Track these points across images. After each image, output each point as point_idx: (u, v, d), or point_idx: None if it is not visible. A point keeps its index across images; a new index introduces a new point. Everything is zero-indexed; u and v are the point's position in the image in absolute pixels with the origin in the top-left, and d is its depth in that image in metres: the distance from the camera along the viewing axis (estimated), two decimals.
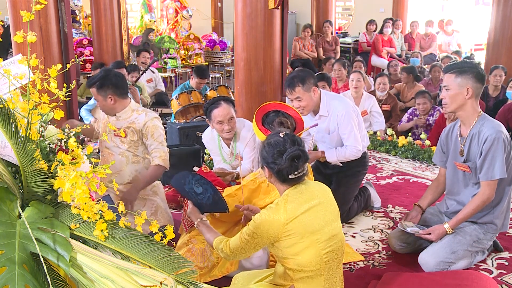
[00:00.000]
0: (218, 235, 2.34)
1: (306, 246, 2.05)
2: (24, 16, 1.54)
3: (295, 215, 2.05)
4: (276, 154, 2.12)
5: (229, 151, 3.44)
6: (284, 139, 2.14)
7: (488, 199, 2.81)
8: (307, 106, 3.38)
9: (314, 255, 2.05)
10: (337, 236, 2.14)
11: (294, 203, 2.08)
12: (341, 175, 3.63)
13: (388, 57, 8.98)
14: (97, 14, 6.98)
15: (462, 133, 2.93)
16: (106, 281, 1.46)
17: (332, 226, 2.12)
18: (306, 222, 2.06)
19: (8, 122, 1.47)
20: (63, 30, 4.16)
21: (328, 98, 3.48)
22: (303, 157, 2.11)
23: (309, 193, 2.13)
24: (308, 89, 3.34)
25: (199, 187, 2.47)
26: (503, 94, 6.00)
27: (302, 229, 2.04)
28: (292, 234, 2.04)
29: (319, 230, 2.07)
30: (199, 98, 5.63)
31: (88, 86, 3.34)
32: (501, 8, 6.51)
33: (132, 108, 3.27)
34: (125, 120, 3.25)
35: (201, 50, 9.83)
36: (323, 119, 3.48)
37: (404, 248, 3.09)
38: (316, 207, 2.11)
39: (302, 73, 3.38)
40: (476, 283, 2.58)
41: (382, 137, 5.44)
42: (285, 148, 2.11)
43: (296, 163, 2.09)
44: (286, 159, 2.08)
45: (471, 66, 2.81)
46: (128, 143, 3.26)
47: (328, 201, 2.19)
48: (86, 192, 1.47)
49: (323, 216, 2.11)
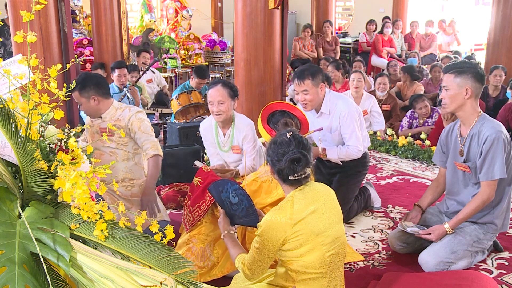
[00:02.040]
0: (241, 251, 2.28)
1: (311, 248, 2.04)
2: (24, 16, 1.54)
3: (302, 217, 2.04)
4: (280, 154, 2.12)
5: (224, 140, 3.44)
6: (289, 140, 2.13)
7: (488, 199, 2.81)
8: (312, 101, 3.39)
9: (318, 257, 2.05)
10: (340, 239, 2.14)
11: (300, 204, 2.07)
12: (341, 175, 3.63)
13: (388, 57, 8.98)
14: (97, 14, 6.97)
15: (462, 133, 2.93)
16: (106, 281, 1.46)
17: (335, 228, 2.12)
18: (312, 224, 2.05)
19: (8, 122, 1.47)
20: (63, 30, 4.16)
21: (332, 97, 3.49)
22: (303, 161, 2.09)
23: (314, 195, 2.12)
24: (317, 84, 3.36)
25: (235, 197, 2.39)
26: (503, 94, 6.00)
27: (309, 230, 2.04)
28: (299, 235, 2.03)
29: (323, 232, 2.06)
30: (199, 98, 5.63)
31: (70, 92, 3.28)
32: (501, 8, 6.51)
33: (115, 106, 3.27)
34: (111, 120, 3.23)
35: (201, 50, 9.83)
36: (324, 117, 3.49)
37: (404, 248, 3.09)
38: (321, 209, 2.10)
39: (313, 68, 3.42)
40: (476, 283, 2.58)
41: (382, 137, 5.44)
42: (288, 150, 2.10)
43: (295, 166, 2.08)
44: (286, 161, 2.08)
45: (471, 66, 2.81)
46: (117, 141, 3.25)
47: (332, 203, 2.18)
48: (86, 192, 1.47)
49: (328, 218, 2.10)
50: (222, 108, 3.25)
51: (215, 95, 3.25)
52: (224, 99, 3.24)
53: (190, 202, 3.07)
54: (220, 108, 3.25)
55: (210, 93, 3.28)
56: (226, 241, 2.38)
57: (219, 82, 3.33)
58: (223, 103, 3.24)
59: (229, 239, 2.36)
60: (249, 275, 2.16)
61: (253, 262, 2.11)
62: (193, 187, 3.13)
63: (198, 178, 3.12)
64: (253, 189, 2.85)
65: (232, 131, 3.39)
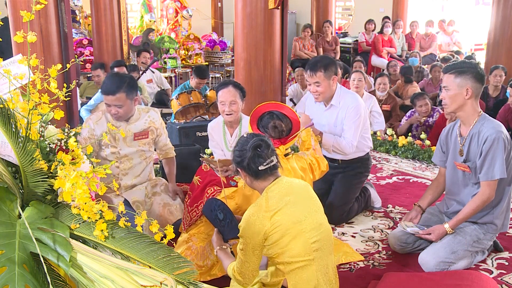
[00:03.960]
0: (232, 261, 2.32)
1: (293, 237, 2.09)
2: (24, 16, 1.54)
3: (278, 207, 2.11)
4: (242, 151, 2.21)
5: (231, 140, 3.46)
6: (247, 137, 2.25)
7: (488, 199, 2.81)
8: (324, 93, 3.40)
9: (302, 245, 2.10)
10: (322, 225, 2.19)
11: (274, 198, 2.14)
12: (343, 176, 3.63)
13: (388, 57, 8.98)
14: (97, 14, 6.97)
15: (462, 133, 2.93)
16: (106, 281, 1.46)
17: (316, 216, 2.18)
18: (289, 213, 2.11)
19: (8, 122, 1.47)
20: (63, 30, 4.15)
21: (343, 91, 3.50)
22: (264, 145, 2.19)
23: (288, 188, 2.19)
24: (329, 76, 3.36)
25: (221, 213, 2.48)
26: (503, 94, 6.00)
27: (287, 219, 2.09)
28: (278, 226, 2.08)
29: (303, 220, 2.12)
30: (199, 98, 5.63)
31: (114, 93, 3.00)
32: (501, 8, 6.51)
33: (137, 108, 3.28)
34: (137, 121, 3.24)
35: (201, 50, 9.83)
36: (333, 109, 3.49)
37: (404, 248, 3.09)
38: (296, 199, 2.16)
39: (326, 60, 3.41)
40: (476, 283, 2.58)
41: (382, 137, 5.44)
42: (247, 143, 2.21)
43: (260, 151, 2.17)
44: (250, 150, 2.16)
45: (470, 66, 2.81)
46: (148, 143, 3.30)
47: (309, 194, 2.25)
48: (86, 192, 1.47)
49: (305, 206, 2.17)
50: (233, 108, 3.30)
51: (228, 95, 3.28)
52: (236, 99, 3.29)
53: (189, 202, 3.08)
54: (232, 108, 3.30)
55: (222, 93, 3.30)
56: (219, 256, 2.45)
57: (230, 83, 3.36)
58: (235, 103, 3.29)
59: (221, 253, 2.43)
60: (241, 281, 2.19)
61: (242, 265, 2.15)
62: (193, 186, 3.14)
63: (198, 177, 3.13)
64: (247, 194, 2.83)
65: (239, 132, 3.42)
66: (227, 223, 2.47)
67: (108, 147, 3.17)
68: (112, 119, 3.15)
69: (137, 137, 3.23)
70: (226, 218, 2.46)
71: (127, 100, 3.06)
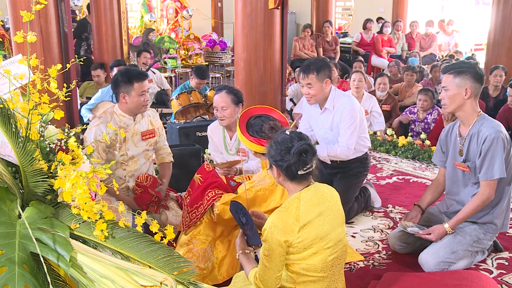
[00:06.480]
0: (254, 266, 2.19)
1: (314, 252, 2.02)
2: (24, 16, 1.54)
3: (308, 219, 2.01)
4: (284, 151, 2.09)
5: (231, 143, 3.47)
6: (291, 136, 2.13)
7: (488, 199, 2.81)
8: (316, 95, 3.40)
9: (320, 261, 2.03)
10: (342, 242, 2.12)
11: (306, 206, 2.04)
12: (342, 176, 3.63)
13: (388, 57, 8.98)
14: (97, 14, 6.97)
15: (461, 133, 2.93)
16: (106, 281, 1.46)
17: (338, 231, 2.10)
18: (317, 227, 2.02)
19: (8, 122, 1.48)
20: (63, 30, 4.15)
21: (337, 94, 3.50)
22: (310, 151, 2.09)
23: (320, 197, 2.10)
24: (321, 79, 3.36)
25: (243, 217, 2.38)
26: (503, 94, 6.00)
27: (314, 234, 2.01)
28: (304, 239, 2.00)
29: (327, 236, 2.05)
30: (199, 98, 5.63)
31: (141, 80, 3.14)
32: (501, 8, 6.51)
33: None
34: (142, 120, 3.26)
35: (201, 50, 9.83)
36: (327, 113, 3.49)
37: (404, 248, 3.09)
38: (326, 212, 2.08)
39: (319, 62, 3.42)
40: (476, 283, 2.58)
41: (382, 137, 5.44)
42: (292, 144, 2.09)
43: (305, 157, 2.06)
44: (294, 154, 2.05)
45: (470, 66, 2.81)
46: (153, 144, 3.32)
47: (337, 205, 2.16)
48: (86, 192, 1.47)
49: (331, 220, 2.08)
50: (225, 114, 3.33)
51: (219, 101, 3.32)
52: (227, 105, 3.30)
53: (188, 202, 3.03)
54: (223, 114, 3.33)
55: (215, 99, 3.35)
56: (240, 260, 2.31)
57: (224, 89, 3.38)
58: (226, 109, 3.31)
59: (243, 258, 2.29)
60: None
61: (265, 272, 2.02)
62: (193, 184, 3.08)
63: (199, 176, 3.07)
64: (249, 197, 2.82)
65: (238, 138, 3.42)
66: (249, 228, 2.36)
67: (117, 149, 3.18)
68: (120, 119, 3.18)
69: (145, 136, 3.26)
70: (248, 223, 2.35)
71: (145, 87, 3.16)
